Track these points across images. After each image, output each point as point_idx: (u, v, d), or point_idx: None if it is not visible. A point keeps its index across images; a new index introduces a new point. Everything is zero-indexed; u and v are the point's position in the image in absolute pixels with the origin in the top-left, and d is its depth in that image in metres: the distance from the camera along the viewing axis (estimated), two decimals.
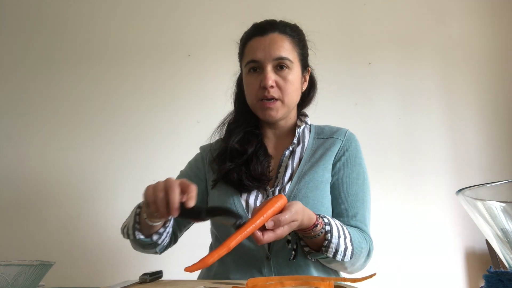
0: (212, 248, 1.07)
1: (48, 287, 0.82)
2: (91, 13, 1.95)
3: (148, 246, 0.95)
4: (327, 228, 0.83)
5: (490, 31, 2.07)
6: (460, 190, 0.48)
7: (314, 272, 0.93)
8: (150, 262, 1.65)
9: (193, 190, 0.72)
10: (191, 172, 1.12)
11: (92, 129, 1.84)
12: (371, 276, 0.70)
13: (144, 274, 0.82)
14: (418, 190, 1.89)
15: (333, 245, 0.83)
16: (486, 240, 1.72)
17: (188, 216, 0.71)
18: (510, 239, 0.44)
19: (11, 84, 1.86)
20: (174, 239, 1.08)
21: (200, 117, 1.86)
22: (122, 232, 0.95)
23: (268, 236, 0.72)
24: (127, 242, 0.97)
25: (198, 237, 1.23)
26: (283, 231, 0.74)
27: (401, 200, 1.87)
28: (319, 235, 0.83)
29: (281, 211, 0.76)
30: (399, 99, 1.98)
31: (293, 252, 0.89)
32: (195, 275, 1.10)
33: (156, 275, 0.84)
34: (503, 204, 0.44)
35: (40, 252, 1.69)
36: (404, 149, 1.93)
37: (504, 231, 0.45)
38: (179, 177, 1.13)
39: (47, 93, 1.86)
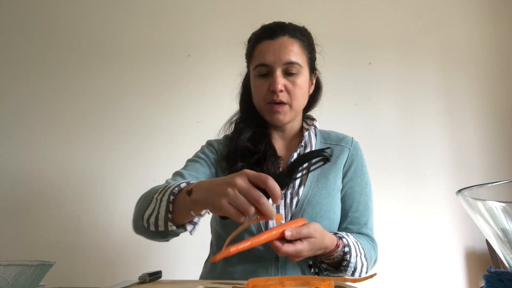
0: (213, 246, 1.07)
1: (48, 287, 0.82)
2: (90, 14, 1.95)
3: (171, 235, 0.85)
4: (346, 249, 0.86)
5: (490, 31, 2.07)
6: (460, 190, 0.48)
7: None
8: (150, 262, 1.65)
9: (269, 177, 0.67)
10: (204, 156, 1.05)
11: (92, 129, 1.84)
12: (371, 276, 0.71)
13: (144, 274, 0.82)
14: (418, 190, 1.89)
15: (351, 265, 0.87)
16: (486, 240, 1.72)
17: (282, 188, 0.69)
18: (510, 239, 0.44)
19: (12, 84, 1.86)
20: None
21: (200, 117, 1.86)
22: (145, 223, 0.81)
23: (288, 247, 0.73)
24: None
25: (197, 238, 1.23)
26: (302, 246, 0.74)
27: (401, 200, 1.87)
28: (340, 255, 0.87)
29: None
30: (399, 99, 1.98)
31: (316, 276, 0.91)
32: (195, 275, 1.10)
33: (155, 275, 0.84)
34: (503, 204, 0.44)
35: (40, 252, 1.69)
36: (404, 149, 1.93)
37: (504, 231, 0.45)
38: (194, 161, 1.05)
39: (47, 93, 1.86)
